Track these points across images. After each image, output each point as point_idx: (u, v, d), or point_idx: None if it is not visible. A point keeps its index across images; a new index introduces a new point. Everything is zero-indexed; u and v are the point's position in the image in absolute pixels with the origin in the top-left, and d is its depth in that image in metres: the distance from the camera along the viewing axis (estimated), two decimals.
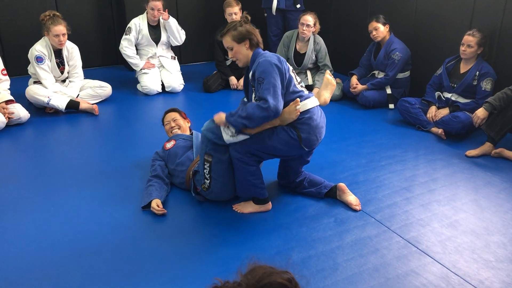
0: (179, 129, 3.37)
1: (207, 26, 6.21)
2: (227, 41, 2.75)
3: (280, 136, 2.69)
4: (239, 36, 2.72)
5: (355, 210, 2.89)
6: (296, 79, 2.78)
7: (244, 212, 2.85)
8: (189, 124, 3.49)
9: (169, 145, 3.20)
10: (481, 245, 2.58)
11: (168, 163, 3.14)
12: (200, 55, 6.32)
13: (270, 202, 2.90)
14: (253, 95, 2.69)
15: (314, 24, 4.86)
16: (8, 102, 4.14)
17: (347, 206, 2.94)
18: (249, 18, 2.86)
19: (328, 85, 3.07)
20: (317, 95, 2.97)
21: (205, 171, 2.77)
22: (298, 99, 2.66)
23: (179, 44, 5.40)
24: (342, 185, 3.00)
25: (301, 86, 2.80)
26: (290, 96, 2.69)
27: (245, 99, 2.96)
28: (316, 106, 2.80)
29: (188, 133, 3.38)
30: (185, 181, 3.00)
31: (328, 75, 3.09)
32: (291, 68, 2.77)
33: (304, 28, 4.82)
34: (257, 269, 1.06)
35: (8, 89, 4.33)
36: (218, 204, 2.94)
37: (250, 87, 2.79)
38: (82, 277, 2.30)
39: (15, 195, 3.07)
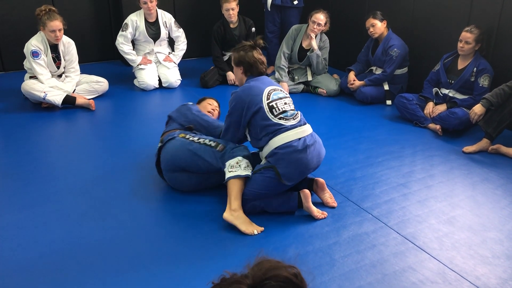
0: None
1: (204, 22, 6.17)
2: (233, 60, 2.99)
3: (259, 181, 2.72)
4: (236, 60, 2.95)
5: (332, 207, 2.88)
6: (277, 109, 2.76)
7: (311, 210, 2.78)
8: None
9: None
10: (478, 241, 2.59)
11: None
12: (197, 50, 6.29)
13: (302, 191, 2.79)
14: None
15: (325, 24, 4.84)
16: None
17: (322, 203, 2.90)
18: (261, 43, 2.96)
19: None
20: None
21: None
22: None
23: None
24: (321, 180, 2.93)
25: (285, 119, 2.75)
26: (266, 130, 2.73)
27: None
28: (303, 137, 2.72)
29: None
30: None
31: None
32: (278, 93, 2.82)
33: (315, 26, 4.79)
34: (264, 262, 1.08)
35: None
36: (217, 200, 2.94)
37: None
38: (79, 275, 2.29)
39: (10, 191, 3.05)
